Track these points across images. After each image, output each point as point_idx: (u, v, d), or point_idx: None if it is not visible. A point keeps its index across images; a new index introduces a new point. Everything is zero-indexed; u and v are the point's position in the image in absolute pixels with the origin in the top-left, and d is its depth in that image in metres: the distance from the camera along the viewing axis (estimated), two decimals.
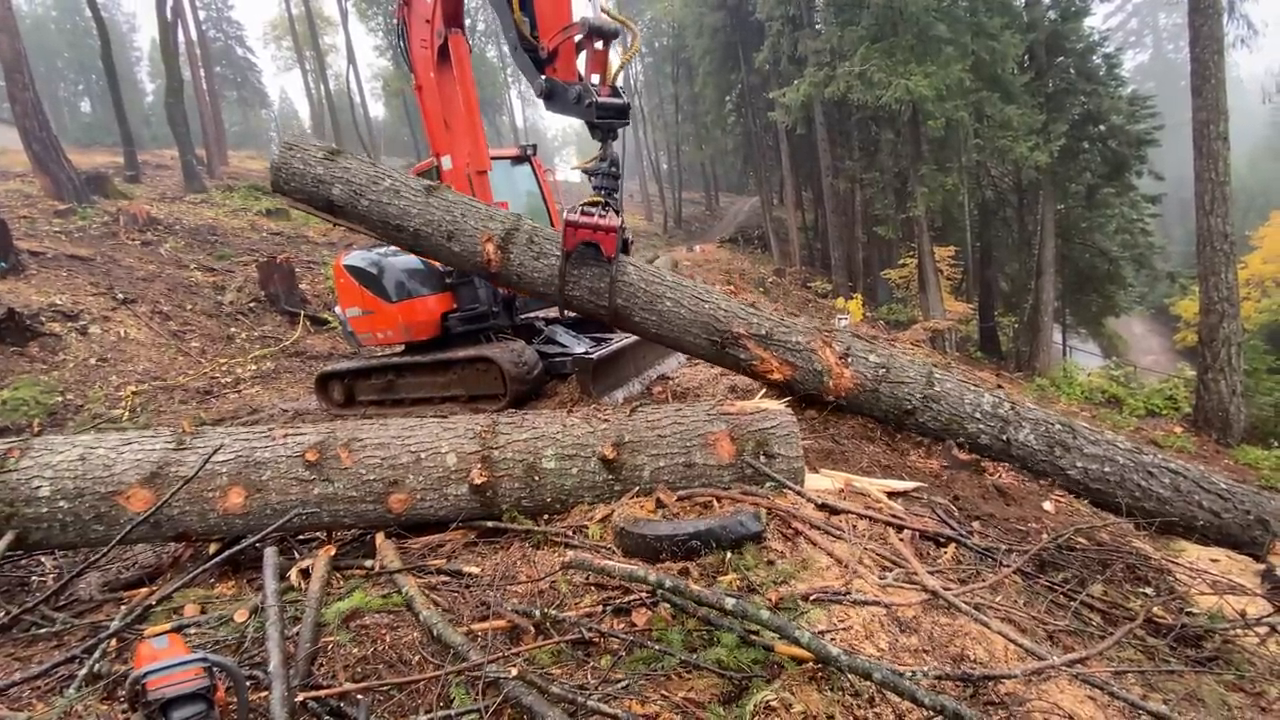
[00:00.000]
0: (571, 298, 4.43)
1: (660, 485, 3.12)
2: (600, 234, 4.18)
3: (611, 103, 4.40)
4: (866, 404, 4.30)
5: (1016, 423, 4.17)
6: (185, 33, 30.38)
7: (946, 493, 3.67)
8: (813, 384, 4.30)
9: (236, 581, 2.98)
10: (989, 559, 2.95)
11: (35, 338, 8.89)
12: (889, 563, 2.64)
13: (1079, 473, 4.12)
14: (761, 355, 4.31)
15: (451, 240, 4.53)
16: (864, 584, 2.44)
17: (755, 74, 30.77)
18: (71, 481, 2.88)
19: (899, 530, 2.89)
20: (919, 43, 18.48)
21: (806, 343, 4.30)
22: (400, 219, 4.56)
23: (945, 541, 2.96)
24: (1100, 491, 4.12)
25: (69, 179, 16.32)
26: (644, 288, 4.40)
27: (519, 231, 4.51)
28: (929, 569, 2.63)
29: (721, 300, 4.46)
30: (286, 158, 4.69)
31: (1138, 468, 4.12)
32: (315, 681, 2.05)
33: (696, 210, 49.21)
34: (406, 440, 3.09)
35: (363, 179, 4.60)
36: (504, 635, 2.31)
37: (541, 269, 4.43)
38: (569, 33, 4.37)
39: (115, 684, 2.20)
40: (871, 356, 4.31)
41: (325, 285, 13.83)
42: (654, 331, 4.51)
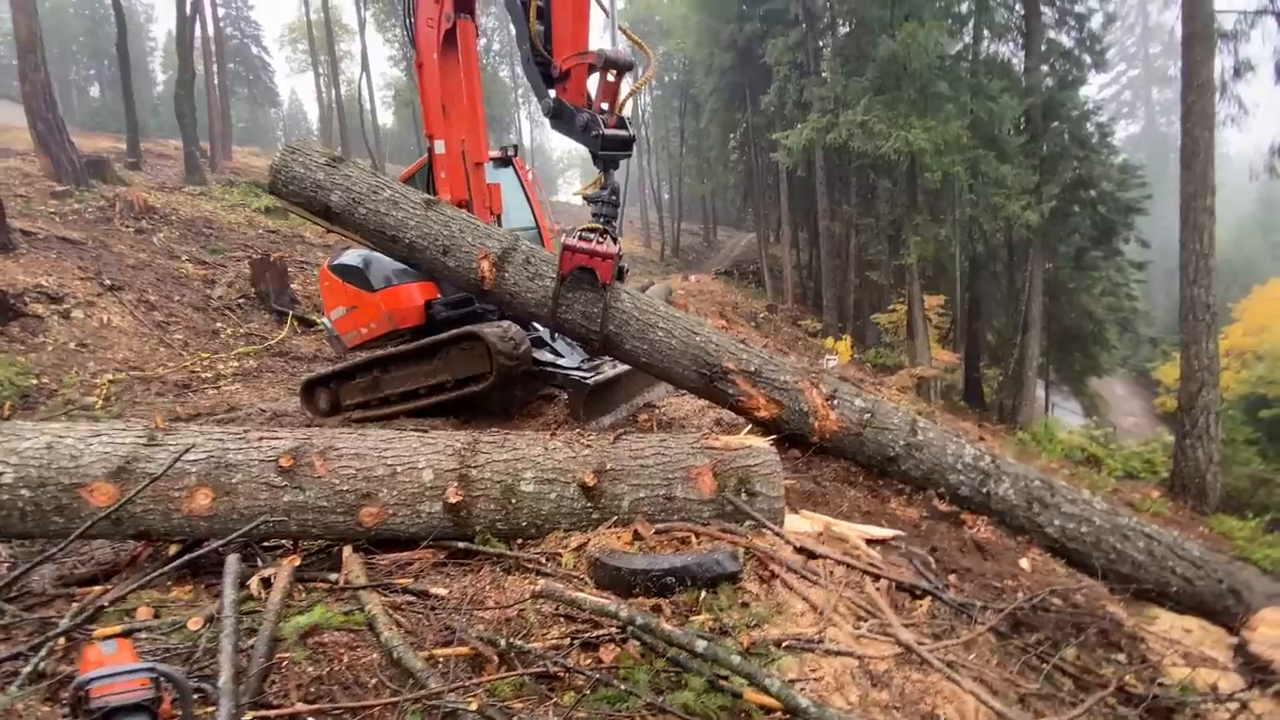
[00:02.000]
0: (564, 320, 4.42)
1: (639, 516, 3.08)
2: (597, 260, 4.19)
3: (617, 135, 4.43)
4: (850, 448, 4.30)
5: (997, 476, 4.18)
6: (203, 28, 30.69)
7: (925, 543, 3.65)
8: (798, 424, 4.29)
9: (194, 586, 2.89)
10: (964, 615, 2.93)
11: (17, 317, 8.73)
12: (864, 612, 2.60)
13: (1056, 530, 4.13)
14: (749, 392, 4.30)
15: (447, 255, 4.53)
16: (838, 633, 2.40)
17: (760, 115, 31.44)
18: (36, 470, 2.79)
19: (876, 579, 2.86)
20: (921, 98, 19.01)
21: (794, 382, 4.30)
22: (397, 229, 4.56)
23: (921, 594, 2.93)
24: (1076, 551, 4.12)
25: (69, 161, 16.22)
26: (637, 316, 4.40)
27: (516, 251, 4.52)
28: (904, 621, 2.61)
29: (713, 334, 4.48)
30: (288, 160, 4.69)
31: (1114, 530, 4.14)
32: (266, 700, 1.98)
33: (694, 241, 49.75)
34: (384, 452, 3.04)
35: (363, 187, 4.61)
36: (466, 663, 2.25)
37: (536, 290, 4.43)
38: (583, 59, 4.41)
39: (59, 684, 2.12)
40: (857, 401, 4.33)
41: (316, 287, 13.74)
42: (644, 360, 4.50)
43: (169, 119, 37.44)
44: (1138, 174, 21.15)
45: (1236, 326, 29.43)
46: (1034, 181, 19.66)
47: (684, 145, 44.99)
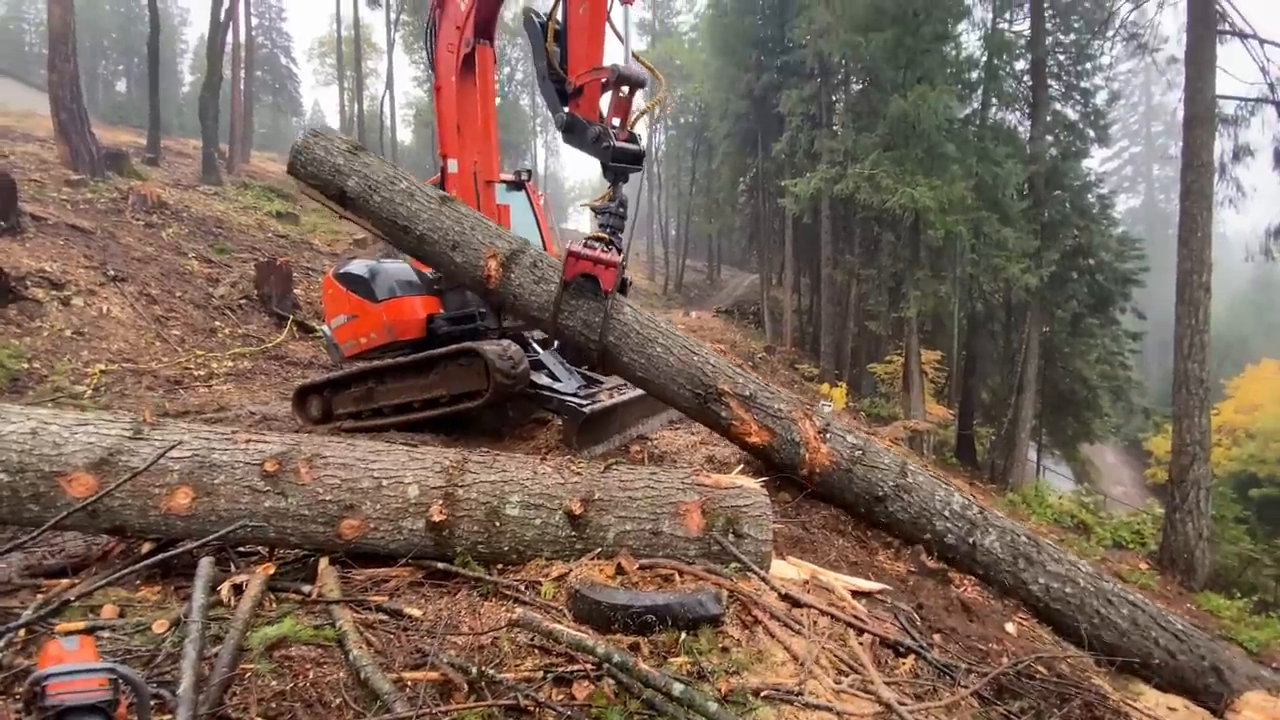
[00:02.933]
0: (565, 327, 4.43)
1: (624, 550, 3.03)
2: (600, 268, 4.22)
3: (628, 148, 4.51)
4: (839, 484, 4.25)
5: (984, 528, 4.14)
6: (235, 35, 31.40)
7: (911, 599, 3.60)
8: (788, 454, 4.26)
9: (163, 587, 2.81)
10: (948, 676, 2.86)
11: (16, 300, 8.71)
12: (846, 666, 2.54)
13: (1040, 589, 4.07)
14: (742, 416, 4.28)
15: (455, 250, 4.55)
16: (818, 686, 2.34)
17: (770, 161, 32.14)
18: (17, 455, 2.75)
19: (860, 633, 2.80)
20: (928, 157, 19.48)
21: (788, 411, 4.29)
22: (409, 220, 4.59)
23: (905, 651, 2.87)
24: (1060, 613, 4.05)
25: (88, 151, 16.41)
26: (637, 329, 4.41)
27: (524, 254, 4.55)
28: (886, 679, 2.54)
29: (711, 356, 4.47)
30: (310, 143, 4.75)
31: (1098, 593, 4.07)
32: (225, 712, 1.91)
33: (698, 278, 50.25)
34: (371, 464, 3.00)
35: (380, 176, 4.65)
36: (435, 688, 2.18)
37: (540, 293, 4.44)
38: (597, 75, 4.52)
39: (15, 678, 2.05)
40: (849, 437, 4.31)
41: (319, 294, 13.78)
42: (640, 375, 4.48)
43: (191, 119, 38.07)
44: (1136, 246, 21.59)
45: (1229, 403, 29.62)
46: (1035, 246, 20.02)
47: (694, 185, 45.85)
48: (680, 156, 51.25)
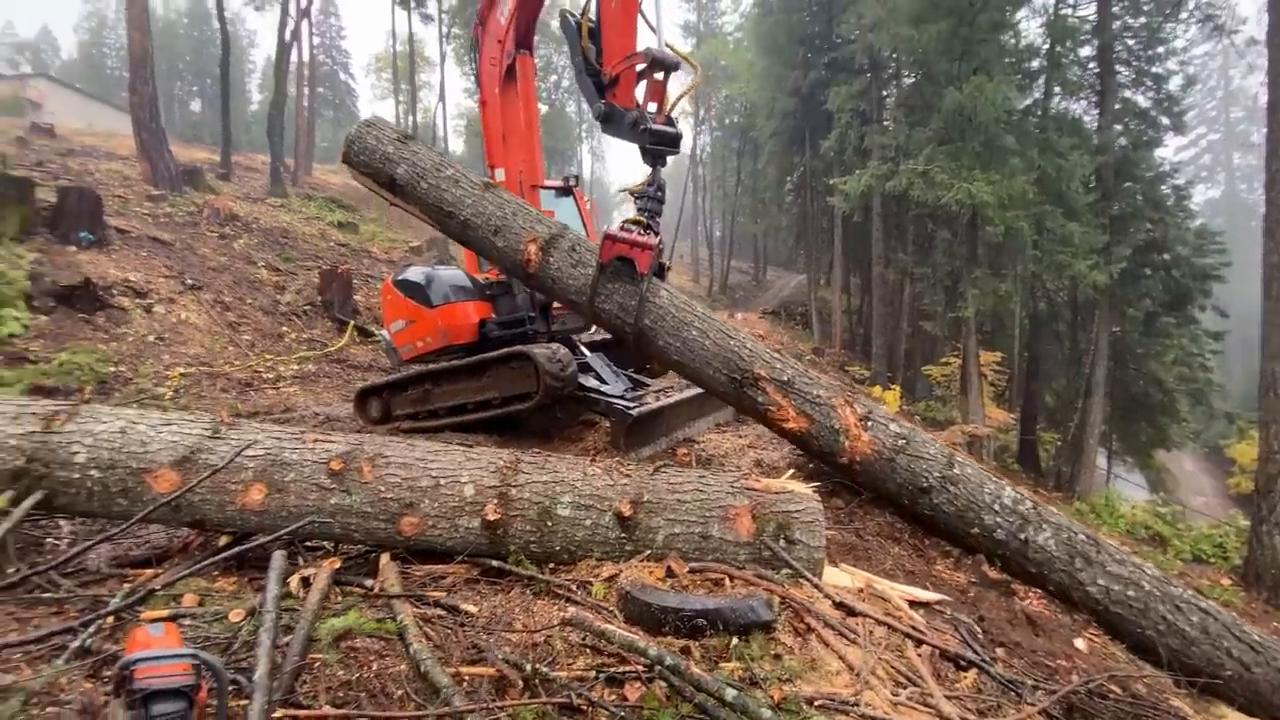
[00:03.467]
0: (601, 310, 4.44)
1: (673, 553, 3.03)
2: (636, 250, 4.23)
3: (665, 131, 4.53)
4: (880, 474, 4.11)
5: (1037, 523, 3.92)
6: (298, 54, 32.99)
7: (972, 611, 3.46)
8: (827, 441, 4.14)
9: (238, 578, 2.97)
10: (1013, 692, 2.74)
11: (104, 308, 9.38)
12: (904, 678, 2.47)
13: (1099, 591, 3.83)
14: (779, 402, 4.19)
15: (497, 235, 4.63)
16: (875, 697, 2.28)
17: (819, 159, 31.58)
18: (108, 453, 2.96)
19: (918, 644, 2.72)
20: (985, 150, 18.74)
21: (828, 398, 4.18)
22: (453, 206, 4.69)
23: (966, 665, 2.77)
24: (1120, 617, 3.81)
25: (167, 168, 17.55)
26: (673, 312, 4.38)
27: (563, 239, 4.59)
28: (946, 693, 2.46)
29: (748, 341, 4.39)
30: (363, 132, 4.92)
31: (1164, 598, 3.81)
32: (297, 699, 2.00)
33: (743, 279, 49.77)
34: (429, 464, 3.10)
35: (427, 164, 4.78)
36: (491, 684, 2.23)
37: (577, 276, 4.47)
38: (631, 61, 4.59)
39: (102, 663, 2.19)
40: (893, 426, 4.16)
41: (378, 300, 14.30)
42: (675, 358, 4.45)
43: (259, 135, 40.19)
44: (1216, 240, 20.14)
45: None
46: (1103, 241, 18.97)
47: (739, 185, 45.45)
48: (725, 157, 50.93)
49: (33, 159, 17.28)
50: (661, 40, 4.65)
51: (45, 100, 40.94)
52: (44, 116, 31.67)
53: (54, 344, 8.25)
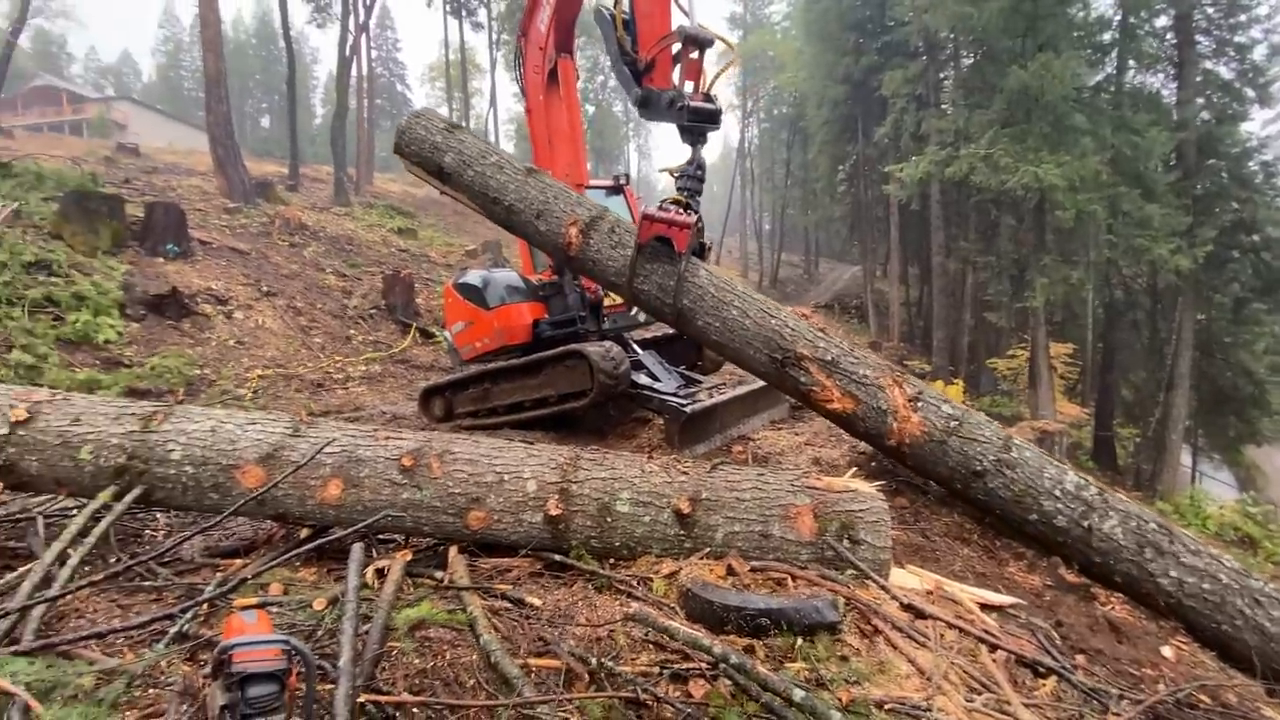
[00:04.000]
0: (640, 291, 4.40)
1: (733, 551, 3.01)
2: (675, 229, 4.17)
3: (703, 107, 4.48)
4: (931, 457, 3.94)
5: (1103, 510, 3.68)
6: (358, 68, 34.40)
7: (1048, 616, 3.31)
8: (874, 423, 3.98)
9: (318, 569, 3.13)
10: (1096, 701, 2.61)
11: (189, 315, 10.06)
12: (978, 684, 2.39)
13: (1171, 584, 3.58)
14: (823, 382, 4.05)
15: (540, 219, 4.64)
16: (947, 703, 2.21)
17: (872, 147, 30.69)
18: (200, 450, 3.17)
19: (993, 649, 2.62)
20: (1054, 131, 17.77)
21: (875, 378, 4.01)
22: (498, 192, 4.74)
23: (1045, 672, 2.65)
24: (1194, 610, 3.57)
25: (241, 182, 18.64)
26: (712, 292, 4.29)
27: (603, 220, 4.57)
28: (1024, 701, 2.36)
29: (790, 319, 4.27)
30: (412, 123, 5.04)
31: (1244, 591, 3.53)
32: (377, 685, 2.10)
33: (794, 273, 48.92)
34: (494, 460, 3.19)
35: (473, 152, 4.85)
36: (557, 676, 2.28)
37: (616, 258, 4.43)
38: (666, 42, 4.57)
39: (198, 647, 2.34)
40: (945, 407, 3.97)
41: (438, 302, 14.80)
42: (715, 339, 4.37)
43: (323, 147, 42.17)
44: None
45: None
46: (1185, 223, 17.73)
47: (789, 177, 44.68)
48: (774, 149, 50.14)
49: (120, 177, 18.65)
50: (694, 20, 4.59)
51: (129, 121, 44.19)
52: (129, 137, 34.15)
53: (146, 349, 8.91)
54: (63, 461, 3.21)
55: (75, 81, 59.04)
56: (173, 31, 67.96)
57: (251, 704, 1.81)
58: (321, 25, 33.46)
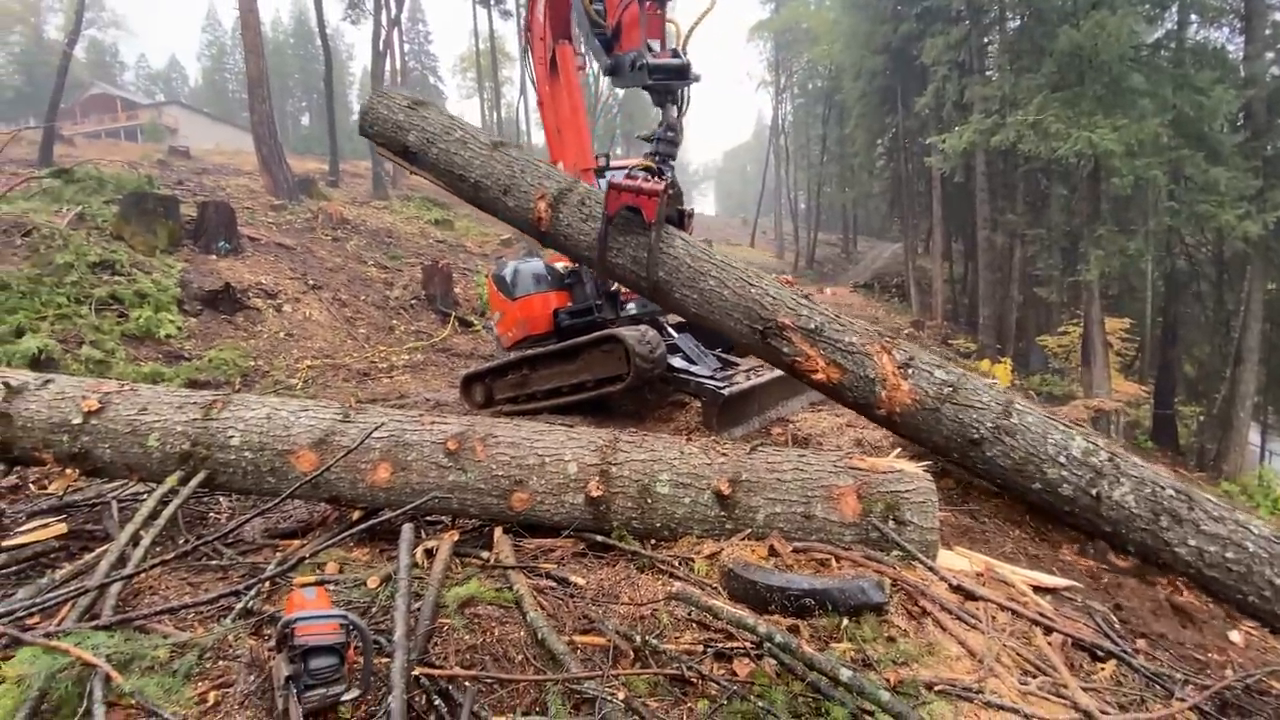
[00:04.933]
0: (614, 265, 4.26)
1: (774, 532, 3.00)
2: (643, 198, 3.98)
3: (665, 63, 4.29)
4: (924, 426, 3.78)
5: (1113, 477, 3.48)
6: (391, 62, 34.88)
7: (1107, 599, 3.20)
8: (863, 392, 3.84)
9: (371, 549, 3.25)
10: (1158, 686, 2.51)
11: (241, 309, 10.47)
12: (1032, 667, 2.33)
13: (1190, 553, 3.38)
14: (806, 351, 3.91)
15: (507, 195, 4.48)
16: (1001, 685, 2.17)
17: (913, 118, 29.61)
18: (257, 436, 3.31)
19: (1048, 632, 2.55)
20: (1109, 93, 16.81)
21: (861, 345, 3.85)
22: (464, 169, 4.55)
23: (1104, 656, 2.56)
24: (1216, 580, 3.38)
25: (285, 180, 19.22)
26: (688, 262, 4.13)
27: (572, 193, 4.40)
28: (1082, 684, 2.29)
29: (771, 287, 4.11)
30: (374, 103, 4.87)
31: (1273, 560, 3.31)
32: (429, 659, 2.17)
33: (831, 252, 47.87)
34: (535, 443, 3.24)
35: (437, 128, 4.65)
36: (602, 653, 2.32)
37: (588, 231, 4.25)
38: (625, 2, 4.43)
39: (262, 622, 2.46)
40: (938, 373, 3.80)
41: (476, 291, 15.06)
42: (694, 311, 4.23)
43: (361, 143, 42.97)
44: None
45: None
46: (1255, 186, 16.60)
47: (825, 153, 43.57)
48: (809, 124, 48.91)
49: (174, 179, 19.44)
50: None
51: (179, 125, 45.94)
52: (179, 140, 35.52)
53: (203, 343, 9.32)
54: (132, 448, 3.39)
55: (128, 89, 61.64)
56: (216, 35, 70.08)
57: (314, 675, 1.90)
58: (355, 21, 34.01)
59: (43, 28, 53.47)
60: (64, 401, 3.50)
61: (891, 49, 29.48)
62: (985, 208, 24.94)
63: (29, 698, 1.90)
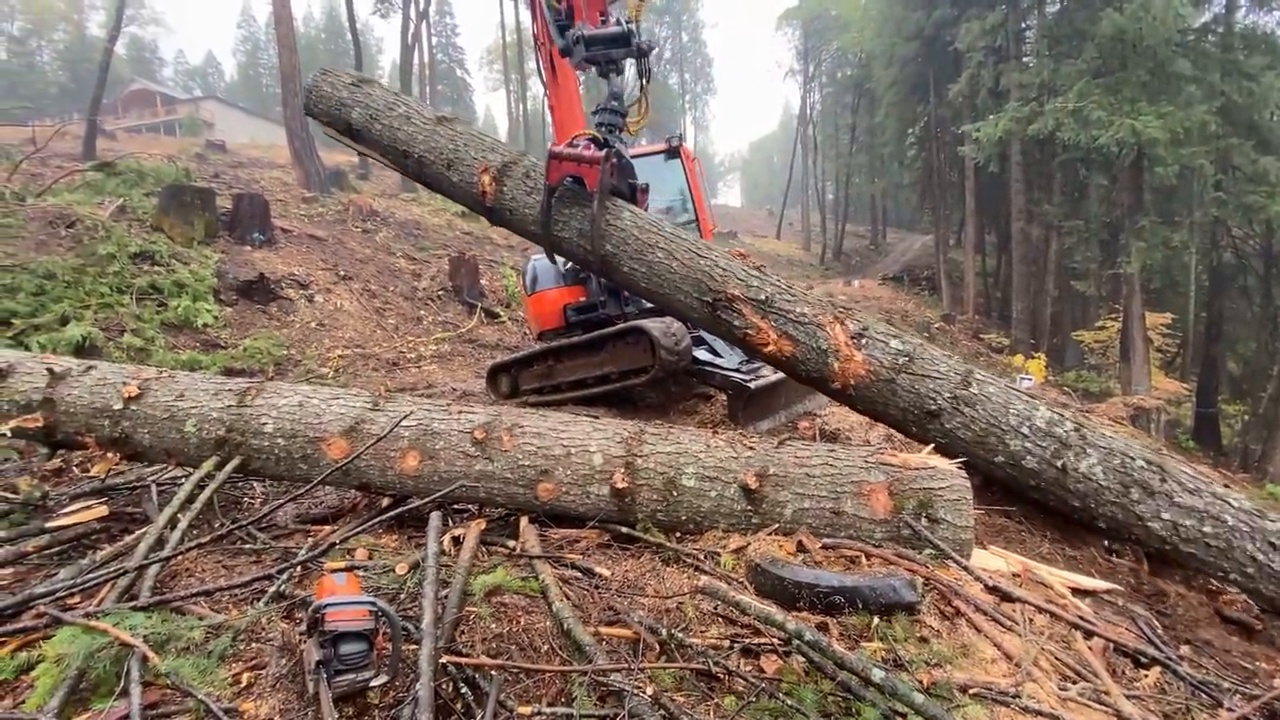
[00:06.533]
0: (560, 239, 4.13)
1: (803, 528, 2.95)
2: (584, 167, 3.83)
3: (599, 33, 4.20)
4: (880, 398, 3.66)
5: (1079, 449, 3.34)
6: (420, 55, 35.20)
7: (1150, 604, 3.09)
8: (816, 365, 3.73)
9: (399, 536, 3.28)
10: (1205, 694, 2.41)
11: (275, 299, 10.70)
12: (1072, 672, 2.25)
13: (1164, 527, 3.23)
14: (757, 324, 3.79)
15: (451, 169, 4.37)
16: (1039, 690, 2.09)
17: (946, 106, 28.89)
18: (290, 423, 3.36)
19: (1088, 636, 2.46)
20: (1153, 79, 16.18)
21: (813, 315, 3.73)
22: (407, 144, 4.45)
23: (1147, 662, 2.47)
24: (1194, 557, 3.23)
25: (317, 172, 19.54)
26: (636, 235, 4.00)
27: (517, 165, 4.27)
28: (1125, 691, 2.21)
29: (721, 259, 3.98)
30: (318, 81, 4.79)
31: (1254, 533, 3.15)
32: (457, 647, 2.18)
33: (859, 244, 47.14)
34: (560, 434, 3.23)
35: (380, 104, 4.55)
36: (628, 645, 2.30)
37: (534, 205, 4.11)
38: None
39: (294, 606, 2.50)
40: (894, 343, 3.68)
41: (501, 283, 15.17)
42: (644, 285, 4.11)
43: None
44: None
45: None
46: None
47: (854, 143, 42.82)
48: (837, 114, 48.10)
49: (210, 172, 19.91)
50: None
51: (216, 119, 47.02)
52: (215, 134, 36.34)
53: (238, 331, 9.55)
54: (170, 434, 3.48)
55: (167, 84, 63.24)
56: (250, 31, 71.47)
57: (344, 660, 1.92)
58: (385, 15, 34.32)
59: (85, 25, 55.21)
60: (105, 387, 3.59)
61: (924, 35, 28.78)
62: (1020, 198, 24.26)
63: (68, 676, 1.95)
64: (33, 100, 41.82)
